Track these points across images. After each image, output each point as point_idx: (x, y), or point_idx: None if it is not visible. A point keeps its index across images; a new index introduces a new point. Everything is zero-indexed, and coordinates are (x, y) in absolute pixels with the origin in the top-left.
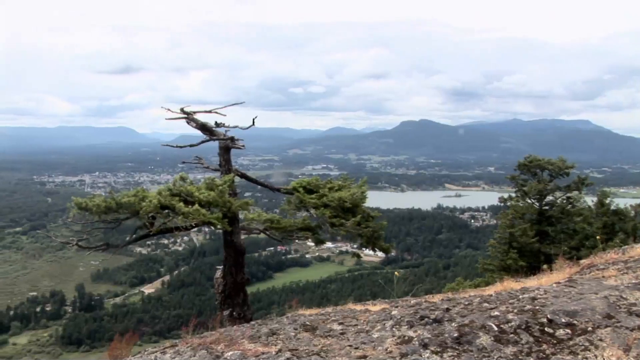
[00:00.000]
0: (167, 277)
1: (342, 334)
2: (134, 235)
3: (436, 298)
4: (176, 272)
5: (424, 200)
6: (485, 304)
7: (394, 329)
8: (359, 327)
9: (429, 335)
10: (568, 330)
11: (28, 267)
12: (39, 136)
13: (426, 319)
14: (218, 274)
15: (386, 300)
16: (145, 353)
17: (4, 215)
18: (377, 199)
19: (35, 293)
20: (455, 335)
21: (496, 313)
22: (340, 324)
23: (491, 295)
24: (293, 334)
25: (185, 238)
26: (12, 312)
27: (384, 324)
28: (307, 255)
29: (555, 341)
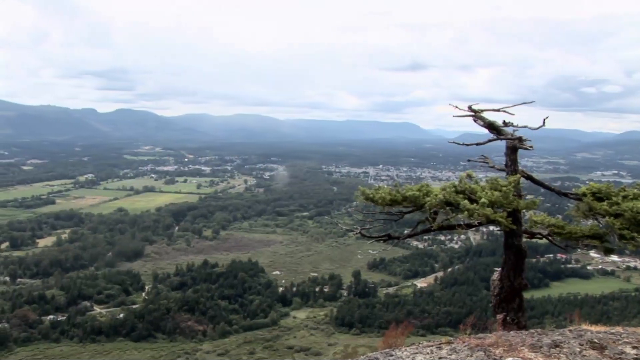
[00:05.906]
0: (440, 273)
1: (636, 359)
2: (415, 229)
3: None
4: (450, 269)
5: None
6: None
7: None
8: None
9: None
10: None
11: (312, 249)
12: (329, 129)
13: None
14: (495, 275)
15: None
16: (421, 345)
17: (295, 200)
18: None
19: (316, 274)
20: None
21: None
22: (634, 347)
23: None
24: (578, 349)
25: (462, 236)
26: (294, 289)
27: None
28: (588, 267)
29: None
